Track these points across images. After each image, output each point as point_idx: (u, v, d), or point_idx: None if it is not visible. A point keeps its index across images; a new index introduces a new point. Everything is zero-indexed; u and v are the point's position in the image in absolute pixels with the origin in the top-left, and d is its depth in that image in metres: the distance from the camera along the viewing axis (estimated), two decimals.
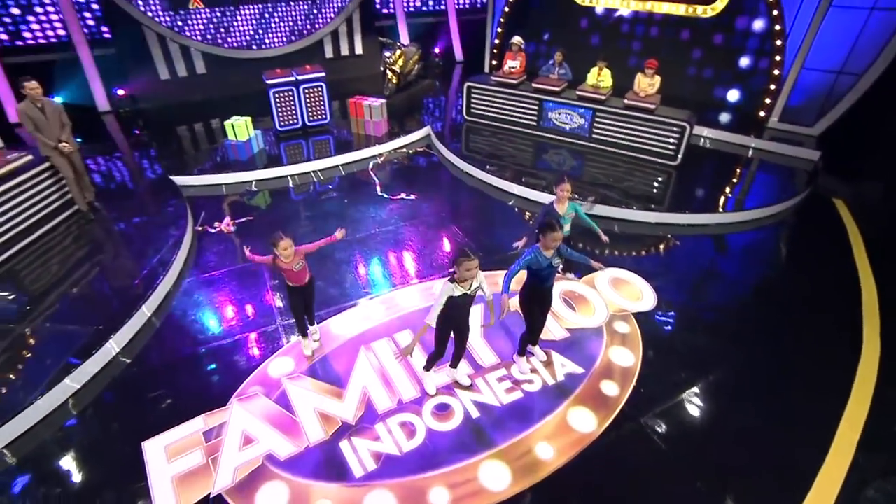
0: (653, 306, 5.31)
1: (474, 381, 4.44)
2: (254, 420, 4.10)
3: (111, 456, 3.85)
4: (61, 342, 4.63)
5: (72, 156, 6.43)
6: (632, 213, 6.82)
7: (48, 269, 5.68)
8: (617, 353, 4.74)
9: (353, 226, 6.74)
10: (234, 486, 3.63)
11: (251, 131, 8.54)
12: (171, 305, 5.39)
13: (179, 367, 4.64)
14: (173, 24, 10.52)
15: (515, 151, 8.57)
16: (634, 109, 8.07)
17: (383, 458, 3.83)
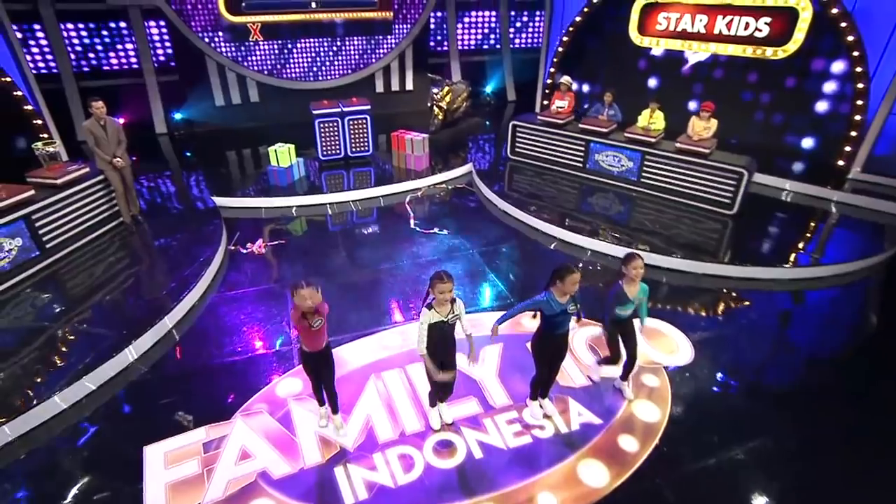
0: (689, 361, 5.16)
1: (482, 420, 4.44)
2: (254, 436, 4.26)
3: (114, 456, 4.10)
4: (86, 344, 5.04)
5: (123, 171, 7.12)
6: (677, 262, 6.72)
7: (88, 274, 6.24)
8: (641, 406, 4.62)
9: (382, 256, 7.00)
10: (223, 500, 3.76)
11: (293, 158, 9.14)
12: (194, 319, 5.74)
13: (192, 378, 4.93)
14: (235, 56, 11.58)
15: (559, 193, 8.67)
16: (687, 153, 8.05)
17: (376, 488, 3.87)
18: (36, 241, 6.24)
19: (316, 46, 12.30)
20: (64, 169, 6.75)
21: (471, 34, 14.00)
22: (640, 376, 4.96)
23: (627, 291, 4.16)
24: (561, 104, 9.42)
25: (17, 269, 6.02)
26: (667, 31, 11.03)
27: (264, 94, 12.24)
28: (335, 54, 12.54)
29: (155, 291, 5.93)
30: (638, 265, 4.08)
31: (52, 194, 6.45)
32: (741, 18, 9.95)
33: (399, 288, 6.27)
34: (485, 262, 6.93)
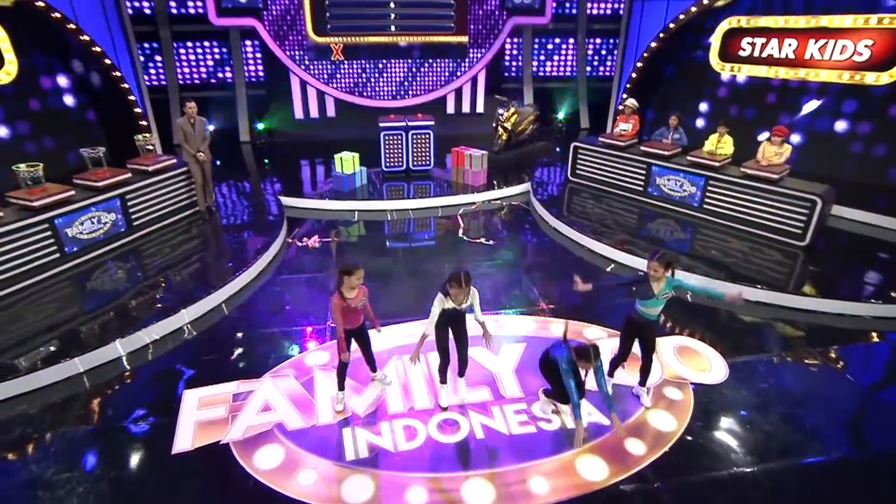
0: (721, 380, 5.19)
1: (490, 407, 4.76)
2: (278, 394, 4.87)
3: (159, 394, 4.86)
4: (151, 305, 5.96)
5: (204, 165, 8.27)
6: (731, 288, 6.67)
7: (162, 250, 7.32)
8: (657, 416, 4.73)
9: (426, 258, 7.58)
10: (241, 440, 4.35)
11: (357, 166, 10.04)
12: (246, 295, 6.57)
13: (234, 342, 5.70)
14: (320, 76, 12.93)
15: (617, 216, 8.81)
16: (754, 179, 7.99)
17: (378, 450, 4.29)
18: (126, 217, 7.41)
19: (393, 67, 13.43)
20: (156, 159, 7.98)
21: (546, 60, 14.61)
22: (663, 388, 5.06)
23: (653, 287, 4.34)
24: (625, 127, 9.68)
25: (108, 239, 7.19)
26: (751, 57, 11.06)
27: (341, 109, 13.48)
28: (410, 75, 13.61)
29: (214, 269, 6.83)
30: (653, 267, 4.29)
31: (144, 179, 7.64)
32: (837, 42, 9.83)
33: (436, 285, 6.72)
34: (525, 272, 7.27)
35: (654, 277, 4.33)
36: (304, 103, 13.31)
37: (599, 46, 14.46)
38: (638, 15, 12.68)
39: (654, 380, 5.16)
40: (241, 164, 11.61)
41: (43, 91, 9.72)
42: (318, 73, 13.03)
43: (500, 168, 11.06)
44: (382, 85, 13.62)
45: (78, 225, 6.80)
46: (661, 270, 4.27)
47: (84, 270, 6.76)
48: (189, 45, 12.46)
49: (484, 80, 14.05)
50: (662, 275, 4.31)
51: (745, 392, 5.06)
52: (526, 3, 13.36)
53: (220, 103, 12.87)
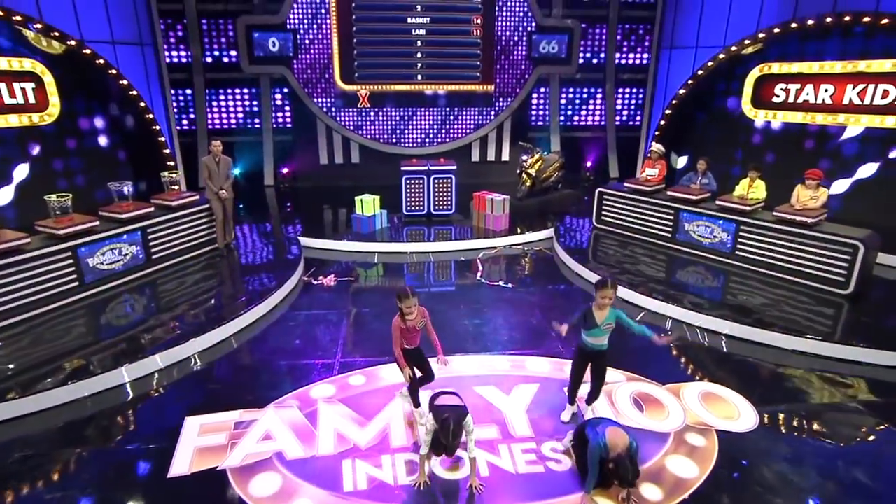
0: (751, 428, 5.07)
1: (497, 445, 4.74)
2: (280, 424, 4.96)
3: (159, 421, 5.02)
4: (158, 336, 6.22)
5: (226, 202, 8.73)
6: (768, 336, 6.62)
7: (178, 283, 7.67)
8: (677, 462, 4.63)
9: (441, 299, 7.72)
10: (238, 467, 4.42)
11: (377, 209, 10.41)
12: (257, 330, 6.81)
13: (241, 373, 5.91)
14: (343, 121, 13.65)
15: (643, 262, 8.84)
16: (788, 224, 7.97)
17: (376, 483, 4.30)
18: (146, 250, 7.83)
19: (418, 115, 14.08)
20: (179, 195, 8.48)
21: (574, 110, 15.10)
22: (685, 434, 4.97)
23: (595, 314, 4.56)
24: (651, 172, 9.85)
25: (127, 271, 7.58)
26: (785, 103, 11.25)
27: (365, 156, 14.09)
28: (436, 123, 14.22)
29: (226, 303, 7.11)
30: (606, 294, 4.46)
31: (166, 213, 8.11)
32: (877, 87, 9.97)
33: (448, 326, 6.84)
34: (542, 313, 7.31)
35: (601, 305, 4.52)
36: (328, 149, 13.98)
37: (629, 96, 14.90)
38: (666, 62, 13.12)
39: (676, 425, 5.06)
40: (263, 206, 12.15)
41: (81, 132, 10.54)
42: (344, 121, 13.74)
43: (524, 214, 11.28)
44: (408, 133, 14.24)
45: (100, 255, 7.22)
46: (610, 298, 4.47)
47: (101, 300, 7.11)
48: (220, 91, 13.35)
49: (510, 128, 14.55)
50: (609, 304, 4.49)
51: (778, 442, 4.91)
52: (552, 54, 13.99)
53: (247, 148, 13.62)
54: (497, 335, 6.74)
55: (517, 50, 14.03)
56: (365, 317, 7.28)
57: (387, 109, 13.96)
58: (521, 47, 14.02)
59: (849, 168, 10.61)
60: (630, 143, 14.93)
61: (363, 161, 14.11)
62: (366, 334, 6.79)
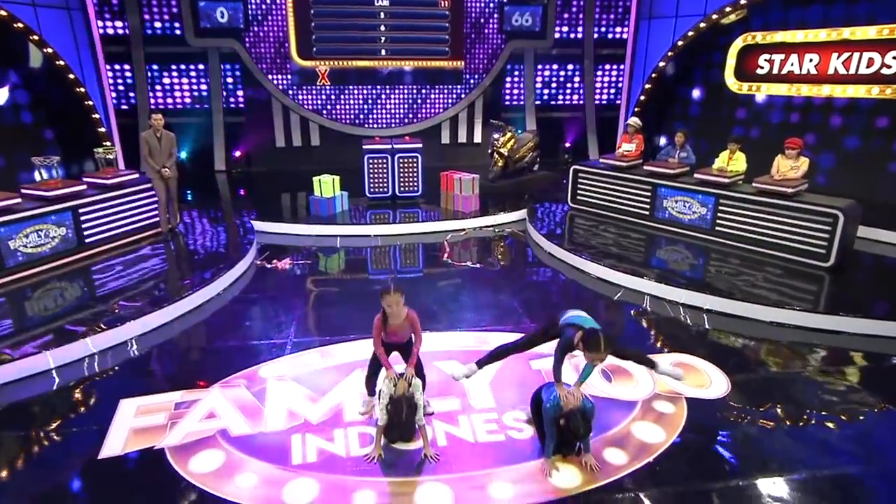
0: (722, 395, 5.29)
1: (457, 416, 4.87)
2: (225, 402, 5.02)
3: (96, 404, 5.09)
4: (91, 320, 6.24)
5: (169, 181, 8.73)
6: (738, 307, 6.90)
7: (113, 269, 7.65)
8: (643, 427, 4.81)
9: (407, 284, 7.91)
10: (177, 445, 4.48)
11: (337, 190, 10.49)
12: (205, 311, 6.94)
13: (183, 354, 6.03)
14: (301, 99, 13.70)
15: (621, 242, 9.06)
16: (767, 195, 8.27)
17: (327, 455, 4.40)
18: (77, 233, 7.79)
19: (381, 93, 14.20)
20: (116, 172, 8.46)
21: (550, 88, 15.37)
22: (653, 402, 5.16)
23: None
24: (628, 147, 10.12)
25: (55, 255, 7.53)
26: (770, 74, 11.65)
27: (325, 138, 14.16)
28: (403, 102, 14.35)
29: (169, 287, 7.13)
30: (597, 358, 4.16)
31: (101, 193, 8.08)
32: (862, 55, 10.39)
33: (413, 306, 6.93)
34: (512, 293, 7.48)
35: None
36: (286, 131, 14.01)
37: (610, 73, 15.21)
38: (644, 35, 13.47)
39: (644, 394, 5.27)
40: (213, 192, 12.14)
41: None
42: (300, 98, 13.79)
43: (496, 197, 11.47)
44: (372, 112, 14.35)
45: (22, 237, 7.16)
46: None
47: (25, 286, 7.06)
48: (164, 66, 13.28)
49: (482, 108, 14.75)
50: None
51: (748, 407, 5.13)
52: (526, 27, 14.24)
53: (195, 130, 13.57)
54: (462, 314, 6.89)
55: (489, 23, 14.26)
56: (323, 297, 7.38)
57: (349, 88, 14.05)
58: (493, 20, 14.24)
59: (835, 141, 11.03)
60: (611, 123, 15.24)
61: (324, 144, 14.17)
62: (322, 315, 6.90)
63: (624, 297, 7.48)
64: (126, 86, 13.14)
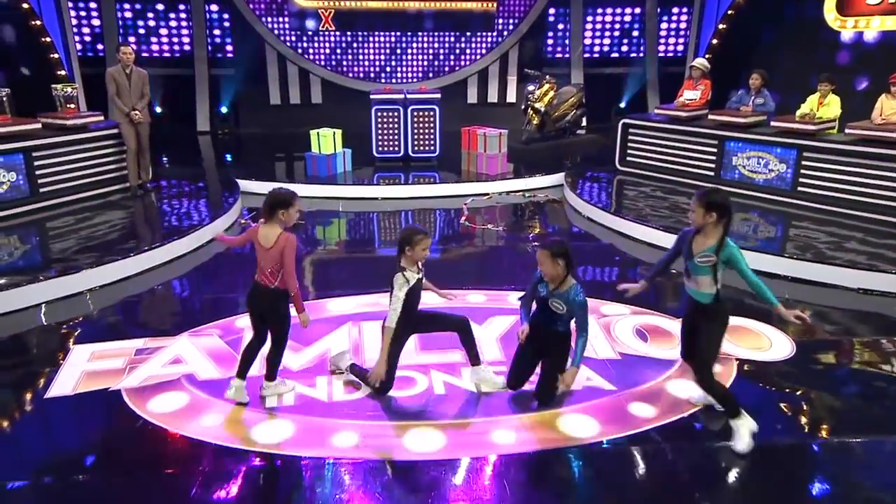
0: (785, 357, 5.43)
1: (460, 368, 5.11)
2: (194, 350, 5.37)
3: (38, 350, 5.55)
4: (47, 264, 6.73)
5: (139, 127, 9.17)
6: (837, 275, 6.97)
7: (72, 223, 8.13)
8: (679, 384, 4.97)
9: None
10: (135, 387, 4.81)
11: (338, 147, 10.86)
12: (180, 266, 7.44)
13: (154, 306, 6.56)
14: (297, 46, 14.18)
15: (679, 210, 8.98)
16: (866, 143, 8.23)
17: (305, 399, 4.68)
18: (30, 181, 8.27)
19: (397, 42, 14.59)
20: (77, 113, 8.95)
21: (602, 38, 15.57)
22: None
23: (694, 242, 4.22)
24: (691, 95, 10.23)
25: (4, 203, 8.02)
26: (885, 4, 11.41)
27: (328, 94, 14.60)
28: (421, 52, 14.72)
29: (138, 238, 7.58)
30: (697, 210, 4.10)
31: (59, 135, 8.57)
32: None
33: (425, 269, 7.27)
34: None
35: (701, 230, 4.11)
36: (282, 86, 14.49)
37: (676, 19, 15.35)
38: None
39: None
40: (195, 153, 12.69)
41: None
42: (299, 46, 14.27)
43: (527, 157, 11.74)
44: (383, 64, 14.74)
45: None
46: (703, 216, 4.04)
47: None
48: (138, 7, 13.88)
49: (517, 60, 15.01)
50: (710, 224, 4.04)
51: (813, 370, 5.27)
52: None
53: (174, 84, 14.12)
54: (478, 273, 7.15)
55: None
56: (318, 256, 7.81)
57: (357, 34, 14.46)
58: None
59: None
60: (676, 80, 15.27)
61: (326, 101, 14.61)
62: (316, 272, 7.34)
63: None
64: (92, 31, 13.75)
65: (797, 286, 6.96)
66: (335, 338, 5.62)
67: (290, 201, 4.37)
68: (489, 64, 14.97)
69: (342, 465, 4.03)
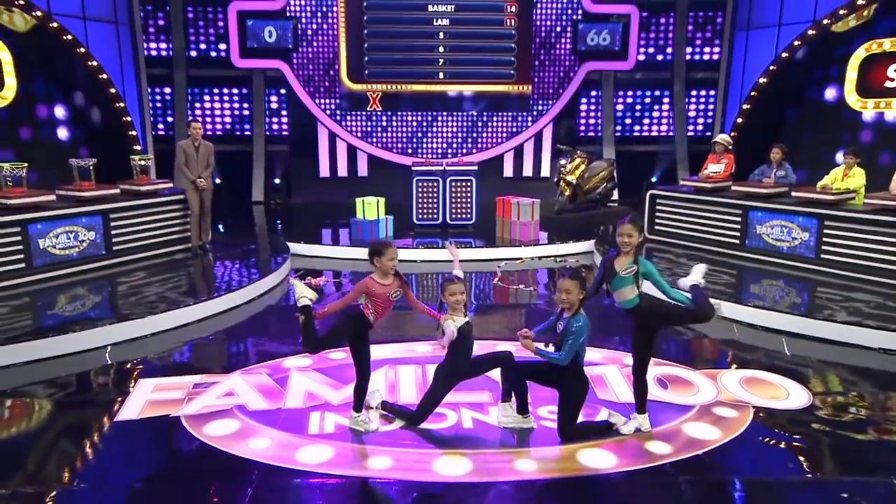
0: (801, 406, 5.66)
1: (487, 407, 5.46)
2: (245, 385, 5.83)
3: (108, 383, 6.13)
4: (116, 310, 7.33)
5: (203, 194, 9.97)
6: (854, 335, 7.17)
7: (141, 276, 8.81)
8: (695, 427, 5.23)
9: None
10: (193, 415, 5.27)
11: (381, 213, 11.50)
12: (232, 317, 8.02)
13: (209, 349, 7.15)
14: (349, 126, 15.13)
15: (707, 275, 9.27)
16: (885, 212, 8.47)
17: (345, 429, 5.07)
18: (106, 239, 9.03)
19: (439, 120, 15.44)
20: (150, 180, 9.78)
21: (633, 117, 16.21)
22: (713, 408, 5.58)
23: (616, 263, 5.02)
24: (715, 168, 10.67)
25: (82, 260, 8.77)
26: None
27: (374, 169, 15.40)
28: (461, 130, 15.53)
29: (197, 290, 8.22)
30: (624, 232, 4.88)
31: (133, 199, 9.38)
32: None
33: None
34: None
35: (622, 251, 4.95)
36: (331, 159, 15.37)
37: (703, 101, 15.94)
38: (741, 48, 14.20)
39: (705, 400, 5.70)
40: (249, 220, 13.50)
41: (37, 120, 12.20)
42: (350, 126, 15.21)
43: (558, 227, 12.22)
44: (426, 142, 15.57)
45: (52, 237, 8.43)
46: (630, 236, 4.87)
47: (49, 287, 8.26)
48: (206, 90, 15.05)
49: (551, 137, 15.70)
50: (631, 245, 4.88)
51: (832, 415, 5.51)
52: (603, 46, 15.28)
53: (235, 158, 15.11)
54: (508, 325, 7.53)
55: (560, 42, 15.42)
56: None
57: (402, 114, 15.37)
58: (566, 39, 15.40)
59: None
60: (705, 156, 15.77)
61: (372, 174, 15.40)
62: None
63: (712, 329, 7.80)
64: (165, 109, 14.93)
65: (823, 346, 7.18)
66: (373, 379, 6.01)
67: (381, 251, 4.89)
68: (525, 141, 15.64)
69: (375, 485, 4.41)
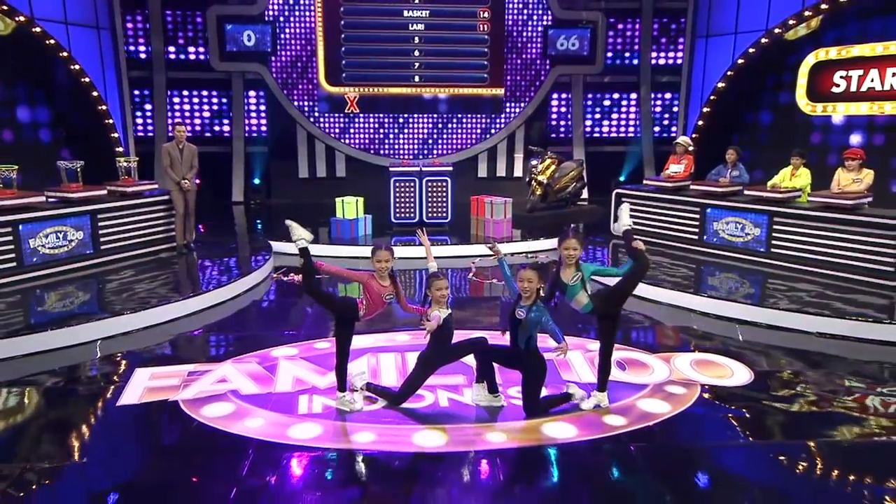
0: (745, 382, 6.19)
1: (461, 388, 5.91)
2: (236, 373, 6.22)
3: (104, 371, 6.49)
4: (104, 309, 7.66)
5: (188, 194, 10.30)
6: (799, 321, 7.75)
7: (130, 272, 9.14)
8: (648, 402, 5.74)
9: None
10: (190, 399, 5.66)
11: (360, 213, 11.90)
12: (218, 312, 8.31)
13: (204, 340, 7.59)
14: (328, 128, 15.49)
15: (667, 268, 9.98)
16: (827, 209, 9.12)
17: (333, 409, 5.49)
18: (94, 239, 9.32)
19: (415, 122, 15.87)
20: (135, 181, 10.09)
21: (601, 119, 16.78)
22: (665, 386, 6.10)
23: (563, 276, 5.42)
24: (676, 168, 11.24)
25: (71, 258, 9.05)
26: (847, 93, 12.69)
27: (352, 169, 15.79)
28: (436, 131, 15.97)
29: (185, 287, 8.56)
30: (569, 245, 5.31)
31: (120, 200, 9.68)
32: None
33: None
34: None
35: (566, 264, 5.37)
36: (310, 161, 15.72)
37: (667, 103, 16.56)
38: (701, 54, 14.84)
39: (661, 378, 6.20)
40: (229, 220, 13.79)
41: (18, 123, 12.43)
42: (328, 127, 15.57)
43: (530, 225, 12.69)
44: (402, 142, 15.98)
45: (42, 237, 8.71)
46: (575, 249, 5.32)
47: (39, 285, 8.56)
48: (185, 92, 15.33)
49: (523, 139, 16.21)
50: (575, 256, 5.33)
51: (768, 390, 6.03)
52: (573, 51, 15.82)
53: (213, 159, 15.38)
54: (481, 318, 7.98)
55: (531, 47, 15.95)
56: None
57: (379, 116, 15.78)
58: (536, 44, 15.92)
59: None
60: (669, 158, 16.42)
61: (350, 174, 15.78)
62: None
63: (671, 318, 8.38)
64: (144, 112, 15.18)
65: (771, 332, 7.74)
66: (356, 364, 6.43)
67: (372, 251, 5.45)
68: (498, 142, 16.13)
69: (360, 456, 4.86)
